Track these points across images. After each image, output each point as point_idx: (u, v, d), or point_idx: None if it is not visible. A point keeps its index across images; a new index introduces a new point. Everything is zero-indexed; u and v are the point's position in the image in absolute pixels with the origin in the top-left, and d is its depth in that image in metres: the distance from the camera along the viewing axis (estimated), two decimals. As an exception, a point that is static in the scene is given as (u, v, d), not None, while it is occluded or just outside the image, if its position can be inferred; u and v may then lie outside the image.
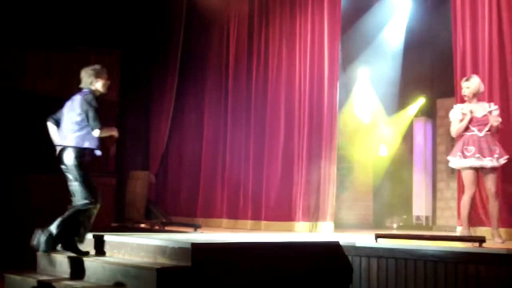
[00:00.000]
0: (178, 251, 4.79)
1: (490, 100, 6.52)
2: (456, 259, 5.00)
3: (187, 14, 10.47)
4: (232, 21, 10.09)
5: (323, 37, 8.61)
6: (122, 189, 10.30)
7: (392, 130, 10.93)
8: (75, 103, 5.61)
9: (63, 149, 5.54)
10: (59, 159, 5.55)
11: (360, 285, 5.54)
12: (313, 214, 8.37)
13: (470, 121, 6.00)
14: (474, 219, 6.86)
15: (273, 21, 9.45)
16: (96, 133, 5.46)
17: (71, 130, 5.53)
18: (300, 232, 8.38)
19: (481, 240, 5.21)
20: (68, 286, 4.98)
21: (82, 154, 5.49)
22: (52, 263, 5.62)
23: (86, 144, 5.49)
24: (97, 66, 5.76)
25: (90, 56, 10.48)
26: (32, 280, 5.34)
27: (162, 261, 4.84)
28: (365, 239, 6.09)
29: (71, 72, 10.39)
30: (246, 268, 4.91)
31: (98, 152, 5.57)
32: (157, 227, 8.44)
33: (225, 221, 9.57)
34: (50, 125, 5.81)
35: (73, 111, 5.59)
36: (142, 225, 8.92)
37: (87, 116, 5.46)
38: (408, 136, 10.94)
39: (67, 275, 5.35)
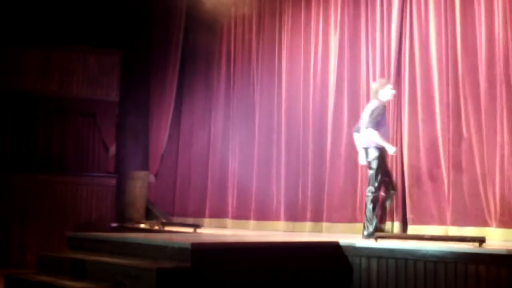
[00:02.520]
0: (178, 252, 4.79)
1: None
2: (456, 259, 5.00)
3: (188, 14, 10.46)
4: (234, 21, 10.07)
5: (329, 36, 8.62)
6: (122, 189, 10.29)
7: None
8: None
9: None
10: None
11: (360, 286, 5.54)
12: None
13: None
14: (477, 218, 6.89)
15: (276, 20, 9.42)
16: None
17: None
18: (306, 232, 8.35)
19: (481, 240, 5.22)
20: (68, 286, 4.98)
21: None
22: (53, 262, 5.63)
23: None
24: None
25: (90, 56, 10.50)
26: (31, 280, 5.35)
27: (162, 261, 4.84)
28: (365, 239, 6.10)
29: (71, 72, 10.46)
30: (245, 268, 4.92)
31: None
32: (157, 227, 8.44)
33: (229, 221, 9.54)
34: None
35: None
36: (142, 225, 8.92)
37: None
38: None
39: (67, 275, 5.35)
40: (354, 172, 8.09)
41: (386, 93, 6.61)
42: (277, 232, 8.52)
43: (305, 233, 8.20)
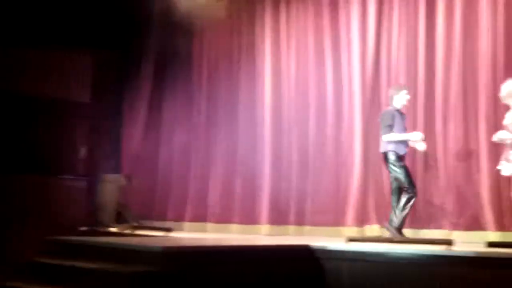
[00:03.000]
0: (150, 255, 4.77)
1: None
2: (426, 261, 5.07)
3: (161, 18, 10.40)
4: (209, 25, 10.04)
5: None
6: (93, 193, 10.19)
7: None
8: None
9: None
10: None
11: (332, 289, 5.57)
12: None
13: None
14: (441, 221, 7.06)
15: (252, 23, 9.44)
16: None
17: None
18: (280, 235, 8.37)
19: (449, 242, 5.30)
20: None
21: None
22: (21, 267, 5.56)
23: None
24: None
25: (63, 56, 10.35)
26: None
27: (134, 265, 4.81)
28: (336, 242, 6.14)
29: (45, 72, 10.29)
30: (217, 272, 4.91)
31: None
32: (128, 231, 8.37)
33: (211, 225, 9.45)
34: None
35: None
36: (113, 229, 8.84)
37: None
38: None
39: (37, 280, 5.28)
40: (338, 176, 8.15)
41: (401, 98, 6.70)
42: (258, 235, 8.51)
43: (288, 237, 8.20)
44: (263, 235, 8.54)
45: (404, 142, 6.60)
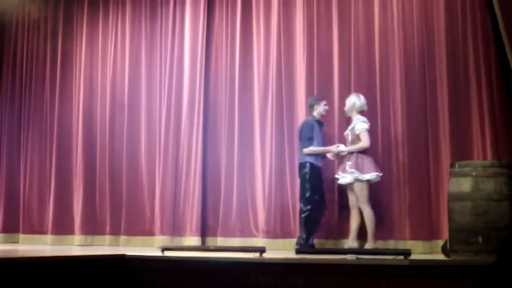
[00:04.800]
0: None
1: None
2: (238, 268, 5.16)
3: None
4: (27, 24, 9.46)
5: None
6: None
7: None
8: None
9: None
10: None
11: (146, 299, 5.46)
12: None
13: None
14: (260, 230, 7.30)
15: (73, 25, 9.07)
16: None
17: None
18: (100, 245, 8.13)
19: (262, 250, 5.45)
20: None
21: None
22: None
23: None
24: None
25: None
26: None
27: None
28: (151, 251, 6.05)
29: None
30: (23, 285, 4.58)
31: None
32: None
33: (23, 236, 8.88)
34: None
35: None
36: None
37: None
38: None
39: None
40: (152, 185, 8.07)
41: (320, 109, 6.85)
42: (70, 246, 8.19)
43: (103, 247, 7.98)
44: (76, 246, 8.25)
45: (321, 155, 6.79)
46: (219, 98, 7.98)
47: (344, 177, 6.52)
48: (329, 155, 6.84)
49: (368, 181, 6.43)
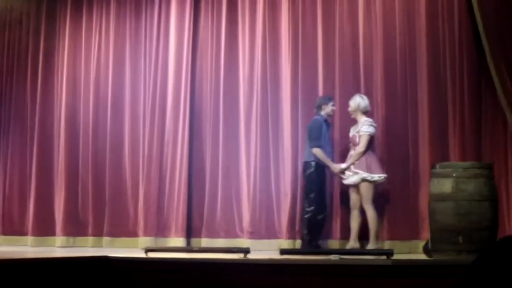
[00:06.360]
0: None
1: None
2: (223, 269, 5.17)
3: None
4: (9, 22, 9.36)
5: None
6: None
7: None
8: None
9: None
10: None
11: (130, 300, 5.44)
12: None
13: None
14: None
15: (56, 23, 8.95)
16: None
17: None
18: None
19: (246, 251, 5.47)
20: None
21: None
22: None
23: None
24: None
25: None
26: None
27: None
28: (134, 252, 6.03)
29: None
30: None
31: None
32: None
33: (2, 237, 8.76)
34: None
35: None
36: None
37: None
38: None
39: None
40: (136, 186, 8.03)
41: (328, 109, 6.85)
42: (52, 248, 8.09)
43: (86, 248, 7.92)
44: (58, 247, 8.16)
45: (328, 154, 6.76)
46: (204, 98, 7.94)
47: (351, 177, 6.53)
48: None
49: (375, 181, 6.47)
